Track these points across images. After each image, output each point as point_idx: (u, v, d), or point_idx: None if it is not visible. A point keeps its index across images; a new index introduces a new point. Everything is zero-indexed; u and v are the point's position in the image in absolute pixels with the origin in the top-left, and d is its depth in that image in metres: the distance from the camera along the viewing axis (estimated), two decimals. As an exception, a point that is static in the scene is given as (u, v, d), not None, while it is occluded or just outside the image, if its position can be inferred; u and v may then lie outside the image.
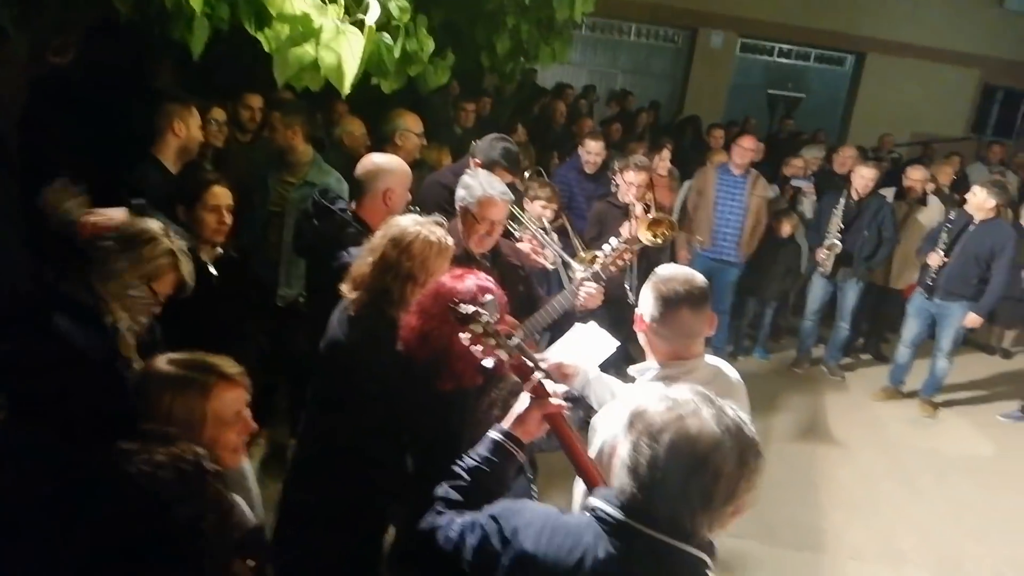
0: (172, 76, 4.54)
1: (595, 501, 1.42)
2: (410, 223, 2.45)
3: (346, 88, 2.23)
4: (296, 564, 2.60)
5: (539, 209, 4.24)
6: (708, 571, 1.36)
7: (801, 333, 6.36)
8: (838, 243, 5.76)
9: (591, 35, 12.49)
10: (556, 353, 2.49)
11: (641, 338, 2.17)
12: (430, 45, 3.37)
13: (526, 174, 5.17)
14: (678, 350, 2.10)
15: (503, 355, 1.85)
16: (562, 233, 4.45)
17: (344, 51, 2.19)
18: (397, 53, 3.12)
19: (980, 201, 5.32)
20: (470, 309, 1.87)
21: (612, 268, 3.10)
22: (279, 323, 3.82)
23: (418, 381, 2.18)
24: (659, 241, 4.63)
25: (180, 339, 2.28)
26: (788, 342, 6.75)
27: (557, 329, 3.49)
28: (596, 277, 3.07)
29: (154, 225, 2.31)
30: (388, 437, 2.35)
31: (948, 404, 6.02)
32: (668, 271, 2.14)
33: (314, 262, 3.20)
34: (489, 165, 3.70)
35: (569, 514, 1.51)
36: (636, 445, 1.32)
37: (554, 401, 1.76)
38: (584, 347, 2.57)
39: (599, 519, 1.37)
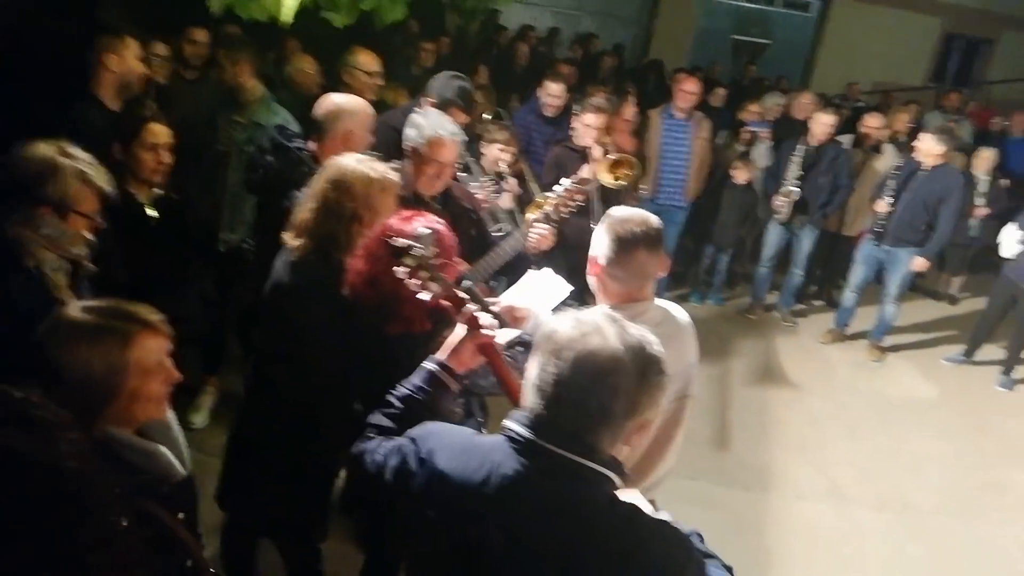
0: (117, 9, 4.32)
1: (507, 422, 1.43)
2: (349, 162, 2.36)
3: (285, 16, 2.12)
4: (245, 511, 2.60)
5: (496, 152, 4.17)
6: (615, 488, 1.37)
7: (756, 280, 6.44)
8: (795, 190, 5.80)
9: (557, -25, 12.22)
10: (508, 297, 2.47)
11: (593, 282, 2.16)
12: (384, -24, 3.25)
13: (485, 116, 5.07)
14: (631, 292, 2.11)
15: (435, 288, 1.85)
16: (520, 177, 4.40)
17: (282, -21, 2.08)
18: (348, -15, 3.00)
19: (928, 147, 5.39)
20: (403, 242, 1.85)
21: (563, 209, 3.04)
22: (222, 268, 3.72)
23: (366, 326, 2.15)
24: (623, 183, 4.59)
25: (118, 282, 2.21)
26: (744, 289, 6.84)
27: (514, 274, 3.48)
28: (547, 218, 3.03)
29: (46, 151, 2.15)
30: (335, 382, 2.32)
31: (895, 348, 6.19)
32: (623, 213, 2.13)
33: (264, 201, 3.11)
34: (443, 104, 3.60)
35: (485, 435, 1.52)
36: (543, 364, 1.34)
37: (487, 332, 1.77)
38: (537, 292, 2.55)
39: (509, 439, 1.39)
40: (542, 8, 12.02)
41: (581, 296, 3.51)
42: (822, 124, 5.74)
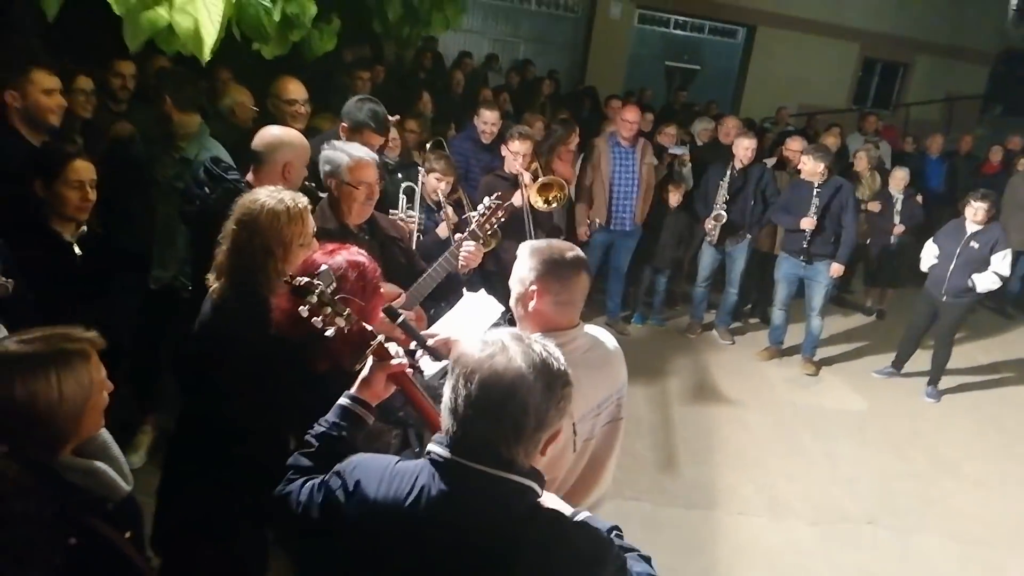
0: (37, 43, 4.19)
1: (430, 445, 1.48)
2: (255, 197, 2.32)
3: (205, 55, 2.10)
4: (180, 554, 2.52)
5: (433, 182, 4.19)
6: (538, 497, 1.44)
7: (693, 300, 6.60)
8: (723, 214, 6.01)
9: (493, 3, 12.35)
10: (442, 327, 2.47)
11: (518, 311, 2.16)
12: (312, 9, 3.26)
13: (422, 144, 5.09)
14: (566, 317, 2.12)
15: (341, 323, 1.87)
16: (458, 206, 4.41)
17: (201, 15, 2.06)
18: (277, 17, 2.99)
19: (812, 167, 5.75)
20: (302, 280, 1.87)
21: (487, 226, 3.09)
22: (155, 306, 3.62)
23: (293, 363, 2.12)
24: (554, 205, 4.65)
25: (45, 320, 2.12)
26: (683, 309, 6.98)
27: (448, 297, 3.48)
28: (473, 236, 3.07)
29: None
30: (266, 418, 2.28)
31: (828, 363, 6.40)
32: (544, 243, 2.16)
33: (199, 234, 3.04)
34: (356, 127, 3.62)
35: (409, 460, 1.54)
36: (454, 386, 1.41)
37: (395, 361, 1.80)
38: (471, 315, 2.56)
39: (432, 461, 1.44)
40: (479, 35, 12.15)
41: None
42: (743, 148, 5.98)
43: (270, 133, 3.06)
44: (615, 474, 2.30)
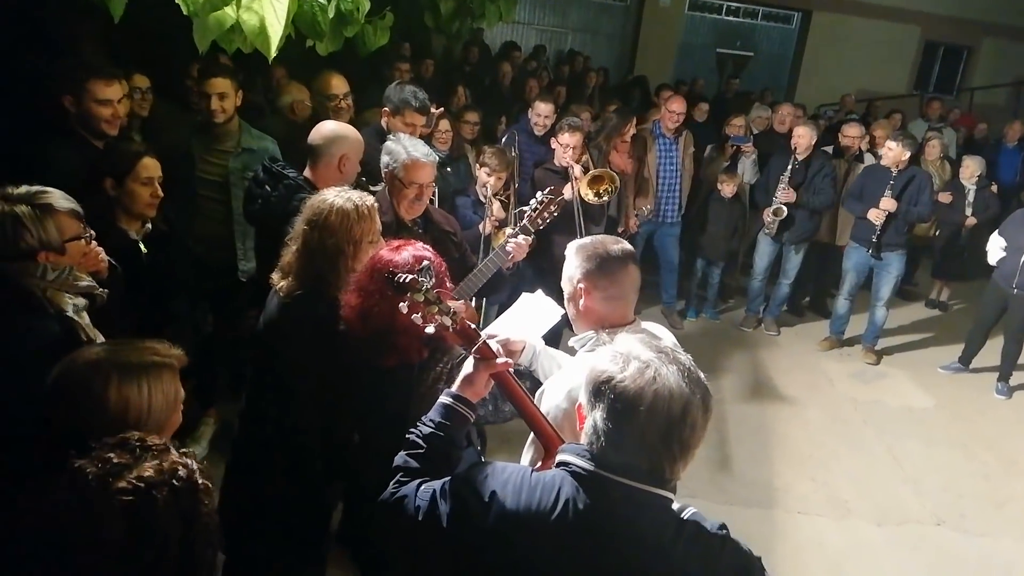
0: (96, 46, 4.28)
1: (564, 456, 1.47)
2: (324, 198, 2.35)
3: (271, 52, 2.11)
4: (243, 545, 2.56)
5: (484, 177, 4.17)
6: (672, 504, 1.46)
7: (749, 293, 6.46)
8: (784, 208, 5.84)
9: (541, -7, 12.30)
10: (501, 328, 2.46)
11: (571, 310, 2.14)
12: (366, 5, 3.23)
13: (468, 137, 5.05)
14: (620, 313, 2.10)
15: (446, 321, 1.82)
16: (506, 206, 4.40)
17: (267, 13, 2.07)
18: (331, 13, 2.99)
19: (896, 155, 5.55)
20: (407, 277, 1.83)
21: (539, 221, 3.07)
22: (240, 298, 3.67)
23: (362, 359, 2.13)
24: (604, 198, 4.60)
25: (114, 320, 2.17)
26: (739, 301, 6.84)
27: (493, 292, 3.48)
28: (524, 231, 3.05)
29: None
30: (332, 416, 2.30)
31: (890, 356, 6.21)
32: (589, 240, 2.15)
33: (263, 231, 3.09)
34: (398, 109, 3.66)
35: (538, 471, 1.53)
36: (611, 411, 1.38)
37: (500, 360, 1.76)
38: (529, 318, 2.53)
39: (573, 473, 1.43)
40: (526, 27, 12.10)
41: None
42: (800, 137, 5.81)
43: (327, 127, 3.12)
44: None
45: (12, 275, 1.99)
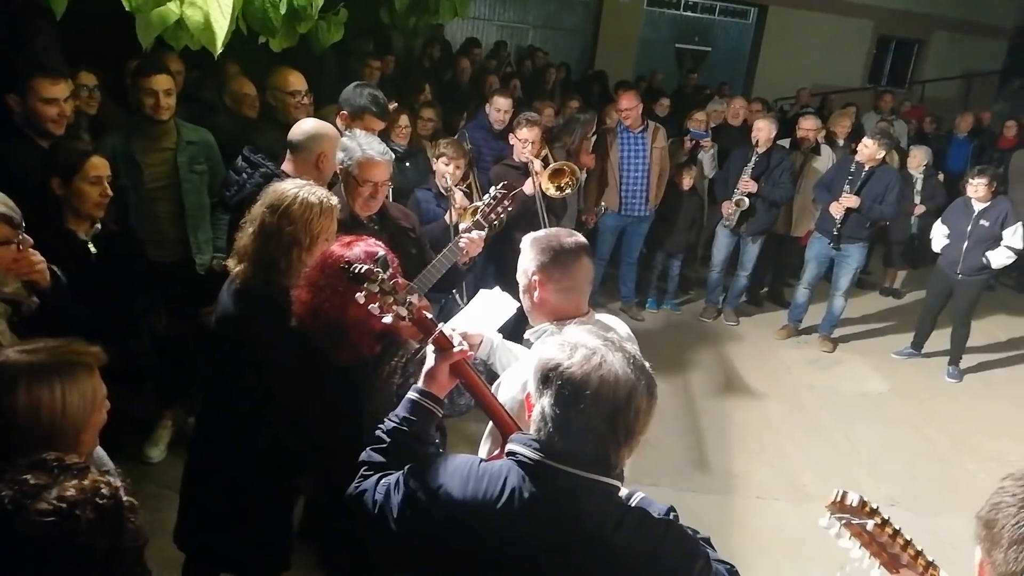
0: (50, 42, 4.18)
1: (512, 445, 1.49)
2: (288, 187, 2.35)
3: (217, 48, 2.09)
4: (205, 545, 2.54)
5: (442, 167, 4.17)
6: (618, 493, 1.48)
7: (708, 284, 6.56)
8: (746, 199, 5.92)
9: (501, -11, 12.29)
10: (459, 322, 2.47)
11: (526, 303, 2.17)
12: (319, 1, 3.22)
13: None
14: (575, 305, 2.13)
15: (402, 312, 1.82)
16: (468, 196, 4.40)
17: (212, 8, 2.05)
18: (284, 9, 2.96)
19: (871, 152, 5.62)
20: (363, 267, 1.83)
21: (493, 216, 3.07)
22: (202, 290, 3.63)
23: (314, 354, 2.12)
24: (567, 192, 4.63)
25: (78, 319, 2.12)
26: (698, 293, 6.94)
27: (449, 287, 3.48)
28: (478, 225, 3.05)
29: None
30: (287, 410, 2.28)
31: (846, 344, 6.35)
32: (543, 232, 2.19)
33: (238, 217, 3.05)
34: (357, 113, 3.64)
35: (487, 461, 1.55)
36: (559, 397, 1.40)
37: (457, 349, 1.75)
38: (486, 312, 2.55)
39: (519, 463, 1.45)
40: (487, 23, 12.09)
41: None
42: (760, 130, 5.87)
43: (307, 124, 3.16)
44: (632, 460, 2.29)
45: None
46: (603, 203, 5.83)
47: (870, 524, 1.51)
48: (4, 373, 1.52)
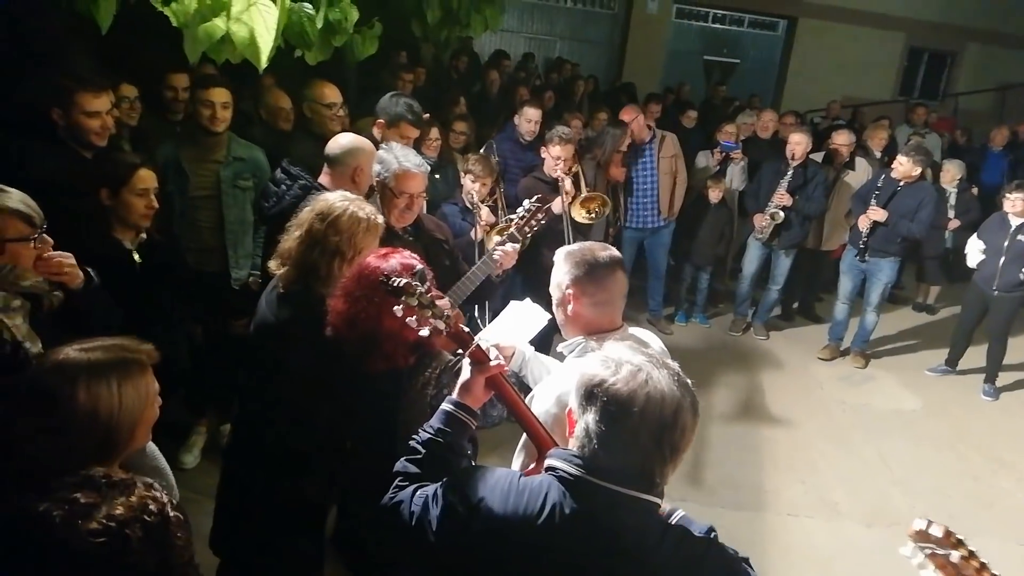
0: (86, 57, 4.28)
1: (552, 460, 1.49)
2: (338, 198, 2.40)
3: (262, 63, 2.13)
4: (239, 552, 2.56)
5: (469, 184, 4.19)
6: (659, 510, 1.48)
7: (737, 297, 6.51)
8: (781, 213, 5.86)
9: (529, 1, 12.34)
10: (491, 334, 2.48)
11: (559, 316, 2.17)
12: (354, 15, 3.27)
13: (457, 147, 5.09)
14: (609, 318, 2.12)
15: (439, 325, 1.82)
16: (494, 210, 4.43)
17: (257, 24, 2.09)
18: (320, 23, 3.02)
19: (907, 169, 5.56)
20: (402, 281, 1.84)
21: (527, 229, 3.09)
22: (232, 305, 3.69)
23: (349, 364, 2.14)
24: (593, 217, 4.67)
25: (91, 327, 2.15)
26: (727, 306, 6.88)
27: (482, 300, 3.49)
28: (512, 238, 3.07)
29: None
30: (323, 419, 2.31)
31: (878, 359, 6.25)
32: (577, 246, 2.18)
33: (274, 229, 3.10)
34: (394, 122, 3.70)
35: (526, 476, 1.55)
36: (604, 413, 1.40)
37: (494, 363, 1.76)
38: (517, 324, 2.56)
39: (560, 479, 1.45)
40: (515, 34, 12.15)
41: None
42: (795, 144, 5.81)
43: (345, 139, 3.20)
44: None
45: None
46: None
47: (956, 555, 1.45)
48: (64, 372, 1.56)
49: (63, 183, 2.86)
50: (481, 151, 5.23)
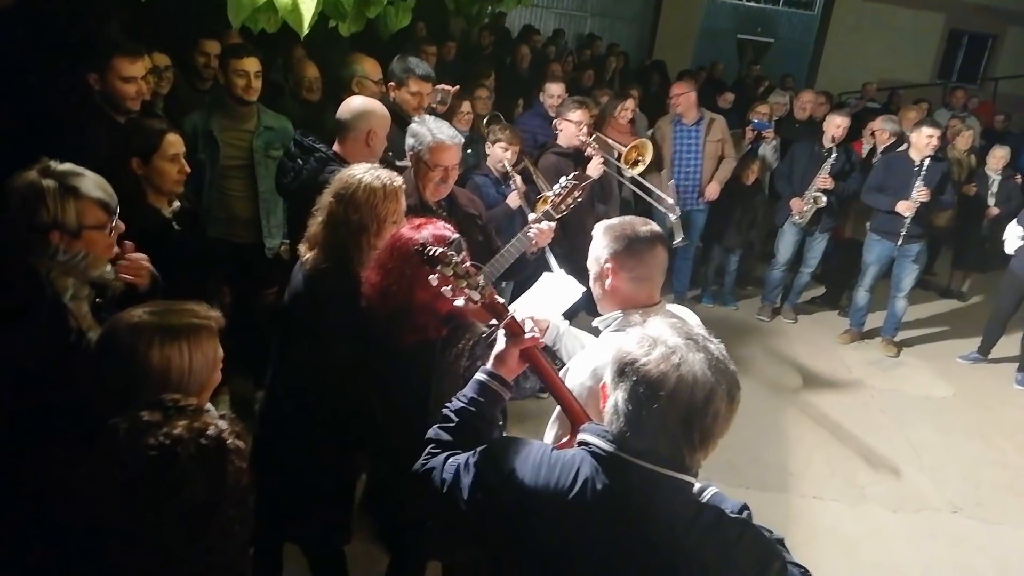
0: (122, 26, 4.30)
1: (585, 435, 1.47)
2: (353, 173, 2.37)
3: (304, 29, 2.12)
4: (268, 516, 2.59)
5: (499, 152, 4.17)
6: (693, 489, 1.46)
7: (768, 282, 6.39)
8: (823, 197, 5.73)
9: (560, -24, 12.21)
10: (525, 306, 2.47)
11: (596, 290, 2.14)
12: (389, -14, 3.25)
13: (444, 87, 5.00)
14: (647, 294, 2.10)
15: (475, 295, 1.82)
16: (527, 178, 4.37)
17: (300, -10, 2.08)
18: (355, -6, 3.00)
19: (926, 142, 5.43)
20: (437, 250, 1.83)
21: (563, 206, 3.06)
22: (267, 274, 3.73)
23: (382, 335, 2.15)
24: (640, 165, 4.68)
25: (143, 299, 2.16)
26: (755, 290, 6.80)
27: (515, 276, 3.48)
28: (548, 216, 3.04)
29: (27, 177, 1.97)
30: (355, 389, 2.32)
31: (908, 346, 6.16)
32: (617, 220, 2.15)
33: (295, 203, 3.12)
34: (402, 80, 3.70)
35: (558, 449, 1.54)
36: (633, 393, 1.37)
37: (528, 335, 1.75)
38: (551, 296, 2.54)
39: (593, 454, 1.43)
40: (545, 10, 12.02)
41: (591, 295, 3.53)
42: (837, 126, 5.68)
43: (355, 102, 3.15)
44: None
45: (19, 247, 1.94)
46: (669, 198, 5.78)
47: None
48: (140, 332, 1.59)
49: (99, 151, 2.87)
50: (510, 124, 5.21)
